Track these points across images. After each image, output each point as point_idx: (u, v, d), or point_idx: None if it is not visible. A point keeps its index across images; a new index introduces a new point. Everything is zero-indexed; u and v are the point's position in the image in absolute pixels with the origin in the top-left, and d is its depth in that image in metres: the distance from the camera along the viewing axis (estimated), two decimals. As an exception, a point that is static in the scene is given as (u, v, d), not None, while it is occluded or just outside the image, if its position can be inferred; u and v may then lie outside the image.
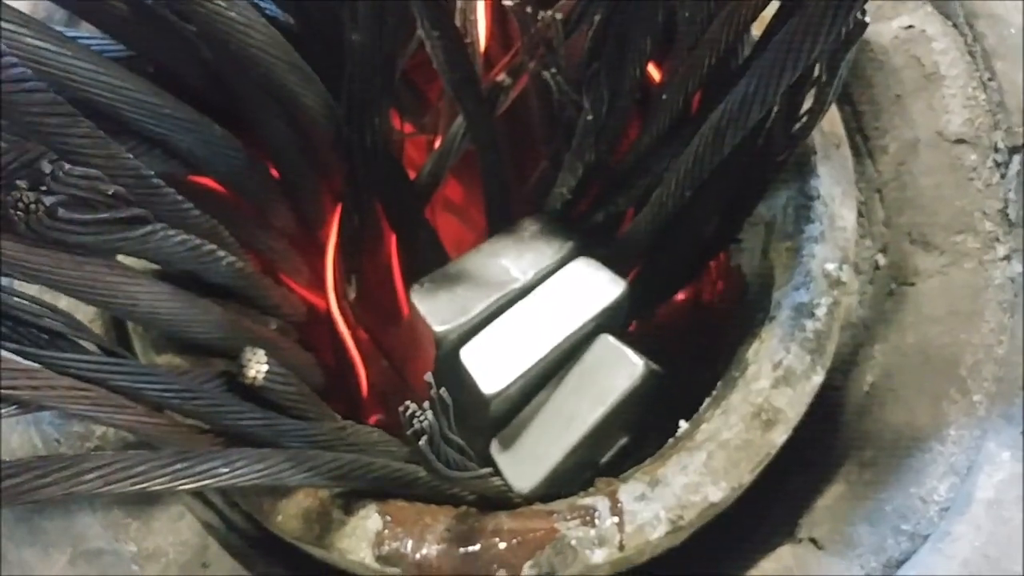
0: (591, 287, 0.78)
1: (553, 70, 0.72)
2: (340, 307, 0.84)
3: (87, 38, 0.61)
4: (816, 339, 0.69)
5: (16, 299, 0.47)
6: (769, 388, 0.68)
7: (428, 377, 0.57)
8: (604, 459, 0.86)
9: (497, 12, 0.78)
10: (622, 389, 0.76)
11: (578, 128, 0.74)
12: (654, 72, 0.78)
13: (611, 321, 0.80)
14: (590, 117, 0.72)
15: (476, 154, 0.81)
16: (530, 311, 0.77)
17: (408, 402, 0.57)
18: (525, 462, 0.78)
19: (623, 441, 0.88)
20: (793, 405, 0.68)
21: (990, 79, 0.75)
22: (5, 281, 0.48)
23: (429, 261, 0.88)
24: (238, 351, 0.63)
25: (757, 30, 0.64)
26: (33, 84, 0.41)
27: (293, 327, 0.82)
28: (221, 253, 0.64)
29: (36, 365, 0.48)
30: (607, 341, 0.78)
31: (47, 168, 0.44)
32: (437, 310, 0.76)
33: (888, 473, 0.71)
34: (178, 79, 0.65)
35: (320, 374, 0.83)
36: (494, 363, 0.75)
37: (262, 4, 0.69)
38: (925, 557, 0.67)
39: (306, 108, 0.66)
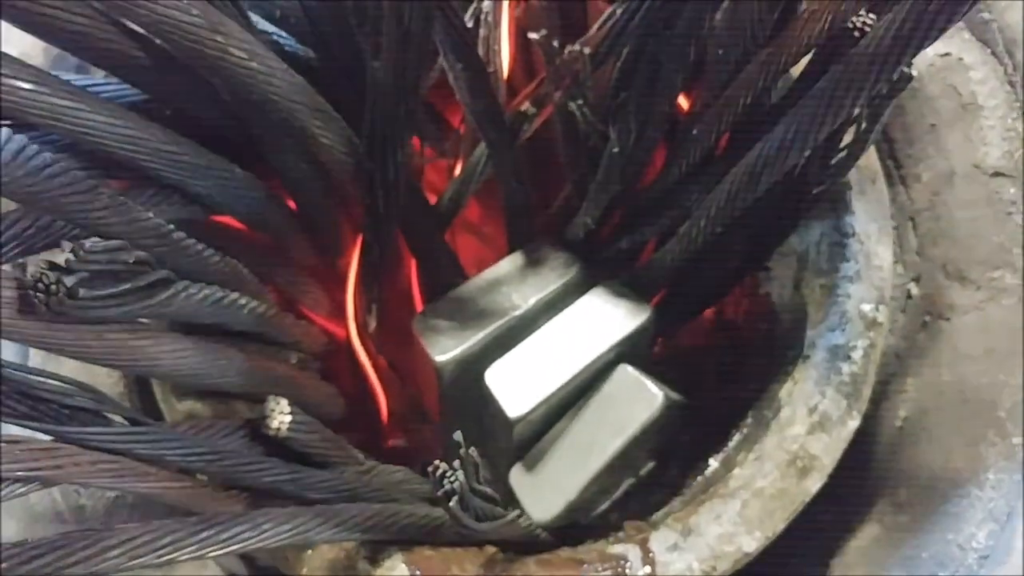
0: (616, 313, 0.77)
1: (579, 101, 0.70)
2: (360, 337, 0.82)
3: (103, 84, 0.59)
4: (852, 383, 0.67)
5: (35, 378, 0.45)
6: (805, 434, 0.67)
7: (458, 436, 0.56)
8: (626, 487, 0.86)
9: (521, 40, 0.76)
10: (641, 420, 0.74)
11: (604, 160, 0.72)
12: (682, 100, 0.76)
13: (635, 347, 0.79)
14: (616, 149, 0.70)
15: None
16: (555, 335, 0.76)
17: (437, 462, 0.55)
18: (544, 492, 0.77)
19: (648, 467, 0.87)
20: (829, 452, 0.67)
21: (1030, 110, 0.73)
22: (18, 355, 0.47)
23: (449, 286, 0.86)
24: (259, 394, 0.62)
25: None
26: (52, 169, 0.40)
27: (313, 357, 0.81)
28: (242, 301, 0.62)
29: (56, 444, 0.47)
30: (626, 372, 0.76)
31: (67, 248, 0.42)
32: (437, 340, 0.75)
33: (924, 517, 0.69)
34: (196, 120, 0.63)
35: (341, 404, 0.82)
36: (518, 386, 0.74)
37: (281, 40, 0.67)
38: (964, 607, 0.65)
39: (327, 148, 0.64)
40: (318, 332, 0.81)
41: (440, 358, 0.75)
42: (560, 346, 0.75)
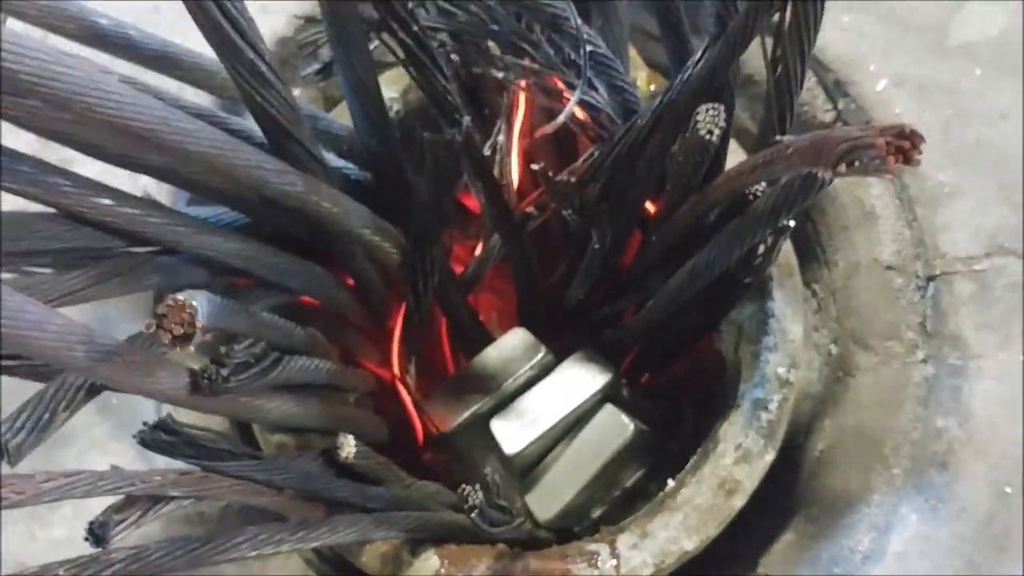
0: (587, 375, 1.01)
1: (569, 211, 0.93)
2: (403, 381, 1.06)
3: (222, 212, 0.83)
4: (769, 427, 0.90)
5: (195, 432, 0.69)
6: (732, 464, 0.89)
7: (487, 470, 0.80)
8: (614, 497, 1.09)
9: (528, 160, 0.99)
10: (617, 444, 1.00)
11: (587, 254, 0.95)
12: (649, 206, 0.99)
13: (608, 391, 1.03)
14: (597, 246, 0.93)
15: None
16: (543, 392, 1.01)
17: (464, 486, 0.79)
18: (546, 498, 1.01)
19: (634, 479, 1.10)
20: (750, 477, 0.89)
21: (913, 220, 0.95)
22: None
23: (471, 335, 1.11)
24: (330, 428, 0.86)
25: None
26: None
27: (365, 395, 1.05)
28: (321, 364, 0.86)
29: (208, 473, 0.71)
30: (608, 408, 1.01)
31: (224, 351, 0.66)
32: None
33: (826, 527, 0.92)
34: (287, 233, 0.87)
35: (385, 431, 1.06)
36: (515, 430, 0.99)
37: (348, 171, 0.91)
38: (850, 596, 0.88)
39: (384, 251, 0.88)
40: (370, 376, 1.05)
41: (446, 429, 1.01)
42: (546, 401, 1.01)
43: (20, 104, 0.55)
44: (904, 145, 0.43)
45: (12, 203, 0.62)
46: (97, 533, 0.65)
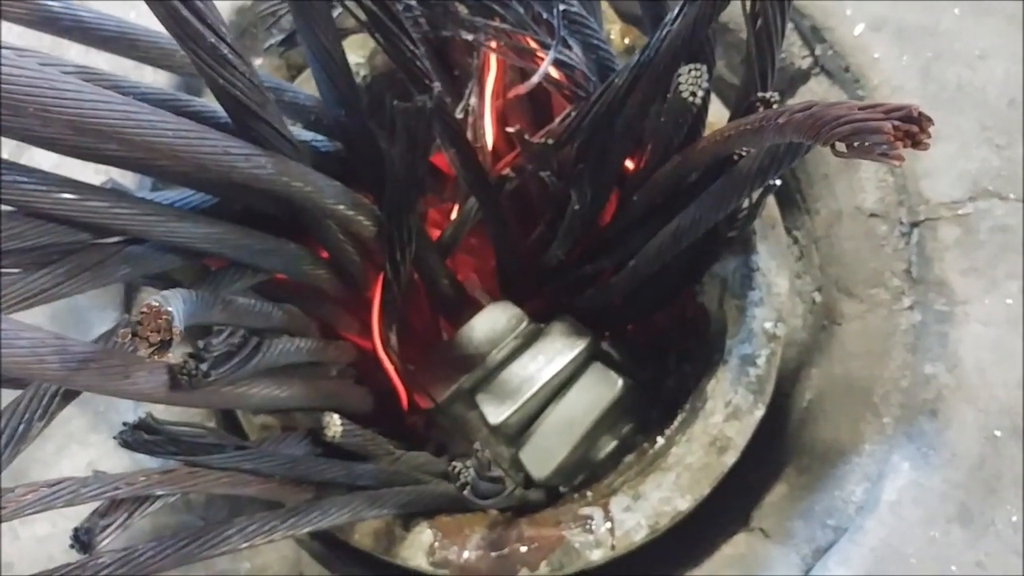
0: (567, 339, 1.01)
1: (547, 172, 0.91)
2: (385, 350, 1.04)
3: (190, 195, 0.80)
4: (758, 383, 0.89)
5: (180, 428, 0.67)
6: (722, 422, 0.89)
7: (477, 445, 0.78)
8: (606, 452, 1.09)
9: (501, 121, 0.96)
10: (608, 400, 1.00)
11: (567, 214, 0.93)
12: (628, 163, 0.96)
13: (592, 351, 1.02)
14: (576, 207, 0.92)
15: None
16: (526, 361, 1.00)
17: (454, 462, 0.78)
18: (540, 457, 1.01)
19: (625, 431, 1.10)
20: (741, 434, 0.89)
21: (896, 167, 0.93)
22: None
23: (451, 298, 1.09)
24: (315, 407, 0.84)
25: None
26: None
27: (347, 366, 1.03)
28: (302, 343, 0.84)
29: (195, 468, 0.69)
30: (598, 366, 1.00)
31: (202, 344, 0.64)
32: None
33: (818, 478, 0.92)
34: (258, 210, 0.84)
35: (370, 401, 1.04)
36: (499, 400, 0.99)
37: (317, 143, 0.87)
38: (844, 545, 0.88)
39: (359, 224, 0.85)
40: (350, 347, 1.03)
41: (436, 401, 1.01)
42: (527, 370, 1.00)
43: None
44: (912, 129, 0.41)
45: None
46: (83, 540, 0.63)
